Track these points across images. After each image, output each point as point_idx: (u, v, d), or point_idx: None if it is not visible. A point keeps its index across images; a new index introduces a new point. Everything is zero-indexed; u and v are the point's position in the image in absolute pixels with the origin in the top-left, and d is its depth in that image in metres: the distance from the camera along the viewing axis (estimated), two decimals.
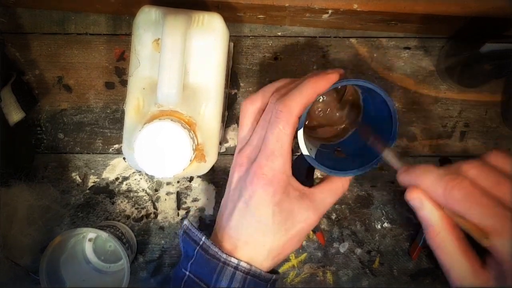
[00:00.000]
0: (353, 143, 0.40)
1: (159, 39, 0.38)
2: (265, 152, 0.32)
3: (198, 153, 0.39)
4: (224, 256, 0.33)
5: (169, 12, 0.37)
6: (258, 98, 0.36)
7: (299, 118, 0.33)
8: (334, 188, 0.36)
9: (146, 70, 0.39)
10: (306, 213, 0.34)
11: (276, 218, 0.33)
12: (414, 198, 0.26)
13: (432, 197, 0.25)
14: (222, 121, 0.45)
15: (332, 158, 0.40)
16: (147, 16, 0.38)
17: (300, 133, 0.34)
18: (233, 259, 0.33)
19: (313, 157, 0.35)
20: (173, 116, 0.37)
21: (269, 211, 0.32)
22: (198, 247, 0.34)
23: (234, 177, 0.35)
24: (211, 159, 0.40)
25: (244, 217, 0.33)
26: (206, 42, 0.38)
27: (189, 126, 0.38)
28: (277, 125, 0.32)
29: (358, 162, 0.36)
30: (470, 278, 0.24)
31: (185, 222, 0.36)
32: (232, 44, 0.48)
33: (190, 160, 0.36)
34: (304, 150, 0.35)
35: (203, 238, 0.34)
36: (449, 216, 0.25)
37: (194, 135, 0.38)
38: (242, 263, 0.33)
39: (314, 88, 0.32)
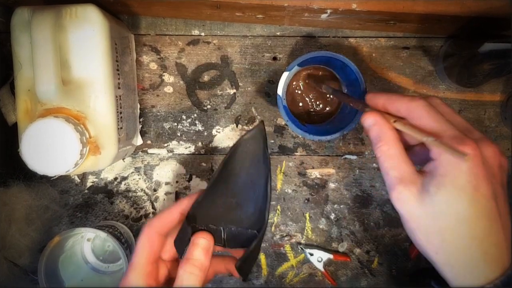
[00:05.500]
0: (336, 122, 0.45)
1: None
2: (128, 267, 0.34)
3: (92, 146, 0.39)
4: None
5: (37, 9, 0.36)
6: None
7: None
8: None
9: (29, 71, 0.38)
10: None
11: None
12: (369, 117, 0.32)
13: (393, 111, 0.31)
14: (132, 113, 0.45)
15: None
16: (21, 17, 0.38)
17: (284, 75, 0.40)
18: None
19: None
20: (60, 112, 0.37)
21: None
22: None
23: None
24: (108, 152, 0.40)
25: None
26: (83, 34, 0.38)
27: (78, 120, 0.38)
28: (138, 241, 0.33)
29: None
30: (407, 177, 0.29)
31: None
32: (132, 36, 0.48)
33: (82, 154, 0.37)
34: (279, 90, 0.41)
35: None
36: (398, 130, 0.31)
37: (84, 128, 0.38)
38: None
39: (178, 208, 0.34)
